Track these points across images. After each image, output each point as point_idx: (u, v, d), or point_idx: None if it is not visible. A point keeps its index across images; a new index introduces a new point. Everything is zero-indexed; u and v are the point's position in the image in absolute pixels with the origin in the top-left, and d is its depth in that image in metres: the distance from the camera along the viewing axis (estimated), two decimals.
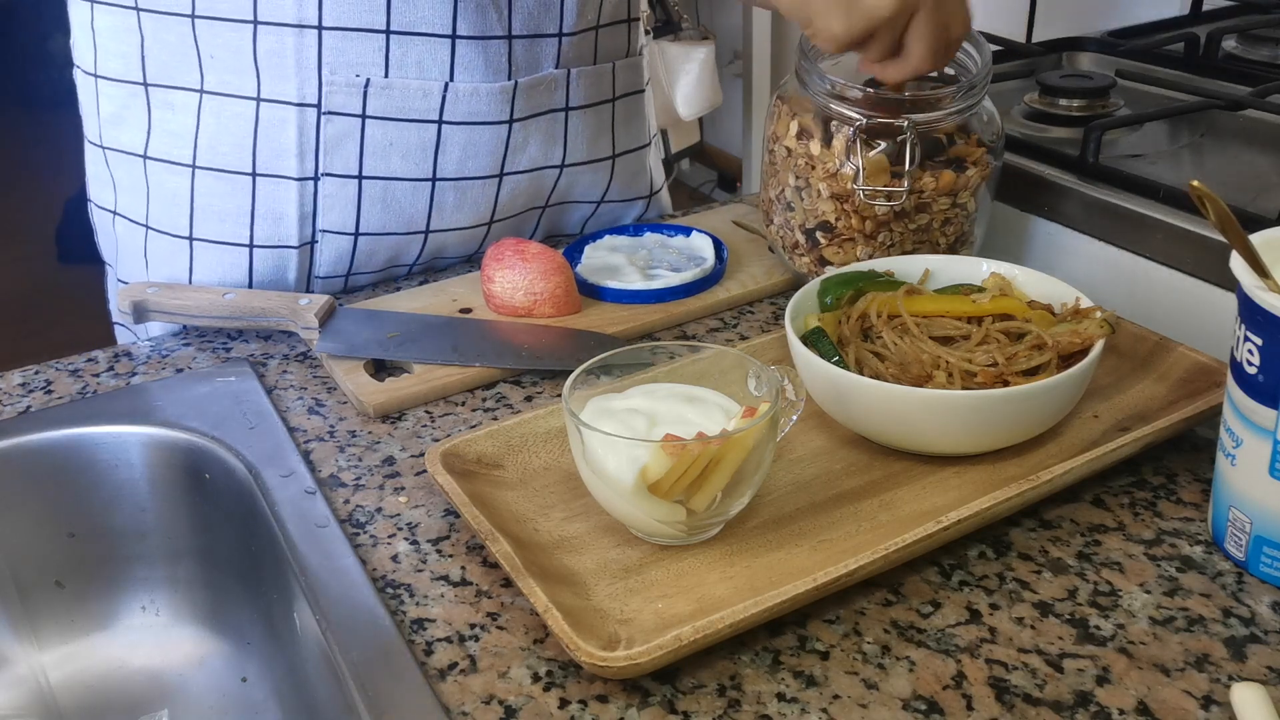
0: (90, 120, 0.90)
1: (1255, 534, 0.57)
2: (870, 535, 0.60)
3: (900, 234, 0.80)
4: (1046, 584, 0.58)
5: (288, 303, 0.81)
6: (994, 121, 0.81)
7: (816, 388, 0.67)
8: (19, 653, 0.71)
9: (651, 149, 1.03)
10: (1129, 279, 0.81)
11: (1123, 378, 0.72)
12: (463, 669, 0.54)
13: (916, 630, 0.56)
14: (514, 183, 0.90)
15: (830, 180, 0.78)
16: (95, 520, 0.72)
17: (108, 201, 0.91)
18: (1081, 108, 0.97)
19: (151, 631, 0.73)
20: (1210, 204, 0.54)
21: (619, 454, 0.57)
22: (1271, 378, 0.54)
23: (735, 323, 0.85)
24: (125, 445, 0.72)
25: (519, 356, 0.78)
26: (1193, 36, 1.09)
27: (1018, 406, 0.63)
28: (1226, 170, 0.90)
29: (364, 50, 0.81)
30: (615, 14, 0.92)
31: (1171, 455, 0.68)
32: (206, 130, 0.84)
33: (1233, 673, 0.53)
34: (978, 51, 0.80)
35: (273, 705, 0.68)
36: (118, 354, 0.82)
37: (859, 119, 0.76)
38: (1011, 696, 0.52)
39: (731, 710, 0.52)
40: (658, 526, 0.58)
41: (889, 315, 0.70)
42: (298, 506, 0.65)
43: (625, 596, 0.57)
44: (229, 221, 0.86)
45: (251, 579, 0.69)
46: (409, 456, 0.70)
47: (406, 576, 0.60)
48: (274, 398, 0.76)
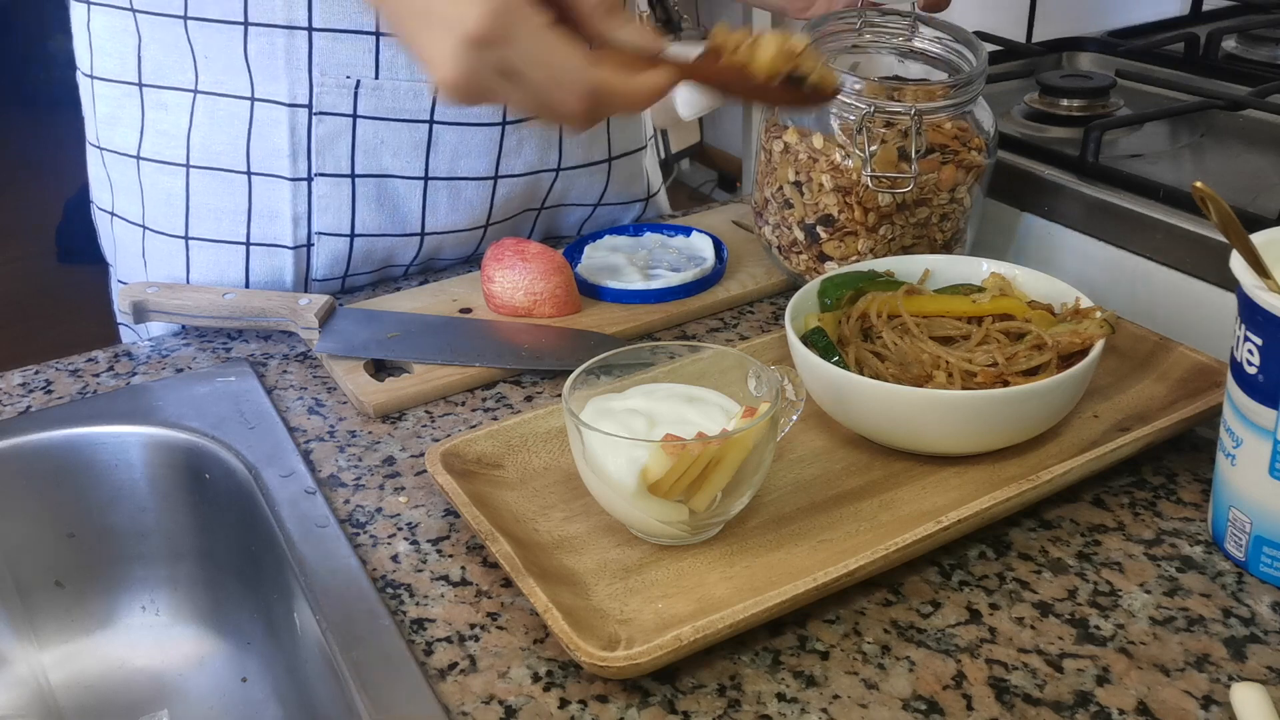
0: (89, 121, 0.90)
1: (1255, 534, 0.57)
2: (870, 535, 0.60)
3: (901, 227, 0.80)
4: (1046, 584, 0.58)
5: (287, 303, 0.81)
6: (989, 120, 0.82)
7: (816, 388, 0.67)
8: (19, 653, 0.71)
9: (648, 151, 1.03)
10: (1129, 279, 0.81)
11: (1123, 378, 0.72)
12: (463, 669, 0.54)
13: (916, 630, 0.56)
14: (509, 185, 0.90)
15: (834, 172, 0.78)
16: (95, 520, 0.72)
17: (106, 203, 0.91)
18: (1081, 108, 0.97)
19: (151, 631, 0.73)
20: (1213, 205, 0.54)
21: (619, 454, 0.57)
22: (1271, 378, 0.54)
23: (735, 323, 0.85)
24: (125, 445, 0.72)
25: (519, 356, 0.78)
26: (1193, 36, 1.09)
27: (1018, 406, 0.63)
28: (1226, 170, 0.90)
29: (354, 51, 0.81)
30: None
31: (1171, 455, 0.68)
32: (200, 129, 0.84)
33: (1233, 673, 0.53)
34: (973, 52, 0.80)
35: (273, 705, 0.68)
36: (118, 354, 0.82)
37: (865, 108, 0.76)
38: (1011, 696, 0.52)
39: (731, 710, 0.52)
40: (658, 526, 0.58)
41: (889, 315, 0.70)
42: (298, 506, 0.65)
43: (625, 596, 0.57)
44: (225, 219, 0.86)
45: (251, 579, 0.69)
46: (409, 456, 0.70)
47: (406, 576, 0.60)
48: (274, 398, 0.76)
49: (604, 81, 0.57)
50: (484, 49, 0.54)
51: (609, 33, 0.59)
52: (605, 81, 0.57)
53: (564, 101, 0.56)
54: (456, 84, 0.55)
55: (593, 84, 0.56)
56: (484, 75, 0.55)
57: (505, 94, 0.56)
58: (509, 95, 0.57)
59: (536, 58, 0.55)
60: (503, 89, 0.56)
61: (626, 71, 0.58)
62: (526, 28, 0.54)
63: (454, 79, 0.55)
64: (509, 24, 0.54)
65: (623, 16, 0.60)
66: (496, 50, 0.54)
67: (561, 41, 0.56)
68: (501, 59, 0.55)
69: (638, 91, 0.59)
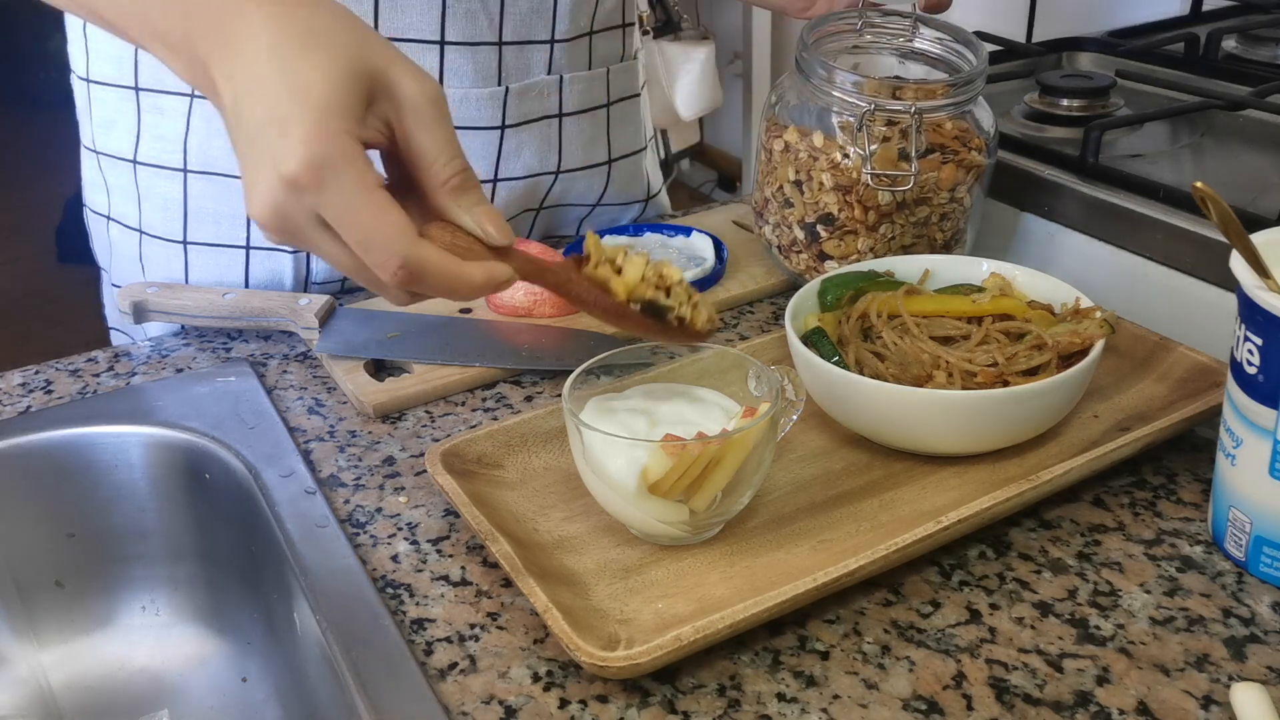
0: (85, 125, 0.90)
1: (1255, 534, 0.57)
2: (870, 535, 0.60)
3: (901, 226, 0.80)
4: (1046, 584, 0.58)
5: (287, 302, 0.81)
6: (989, 120, 0.82)
7: (816, 388, 0.67)
8: (19, 653, 0.71)
9: (648, 152, 1.03)
10: (1129, 279, 0.81)
11: (1123, 378, 0.72)
12: (463, 669, 0.54)
13: (916, 630, 0.56)
14: (509, 188, 0.90)
15: (834, 171, 0.78)
16: (95, 520, 0.72)
17: (101, 206, 0.91)
18: (1081, 108, 0.97)
19: (151, 631, 0.73)
20: (1213, 205, 0.54)
21: (619, 454, 0.57)
22: (1271, 378, 0.54)
23: (735, 323, 0.85)
24: (125, 445, 0.72)
25: (519, 356, 0.78)
26: (1193, 36, 1.09)
27: (1018, 406, 0.63)
28: (1226, 170, 0.90)
29: None
30: (609, 20, 0.92)
31: (1171, 455, 0.68)
32: (197, 134, 0.84)
33: (1233, 673, 0.53)
34: (973, 52, 0.80)
35: (273, 705, 0.68)
36: (118, 354, 0.82)
37: (866, 106, 0.76)
38: (1011, 696, 0.52)
39: (731, 710, 0.52)
40: (658, 527, 0.58)
41: (889, 315, 0.70)
42: (298, 506, 0.65)
43: (625, 596, 0.57)
44: (224, 223, 0.86)
45: (251, 579, 0.69)
46: (409, 456, 0.70)
47: (406, 576, 0.60)
48: (274, 398, 0.76)
49: (422, 260, 0.52)
50: (299, 193, 0.50)
51: (451, 212, 0.54)
52: (424, 260, 0.52)
53: (376, 266, 0.52)
54: (266, 221, 0.52)
55: (406, 257, 0.52)
56: (297, 219, 0.52)
57: (317, 243, 0.53)
58: (320, 245, 0.53)
59: (348, 216, 0.51)
60: (315, 237, 0.52)
61: (460, 253, 0.54)
62: (344, 182, 0.50)
63: (263, 215, 0.52)
64: (326, 175, 0.50)
65: (473, 197, 0.55)
66: (310, 197, 0.51)
67: (381, 206, 0.51)
68: (314, 206, 0.51)
69: (463, 278, 0.54)
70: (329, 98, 0.50)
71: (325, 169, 0.50)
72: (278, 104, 0.50)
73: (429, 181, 0.54)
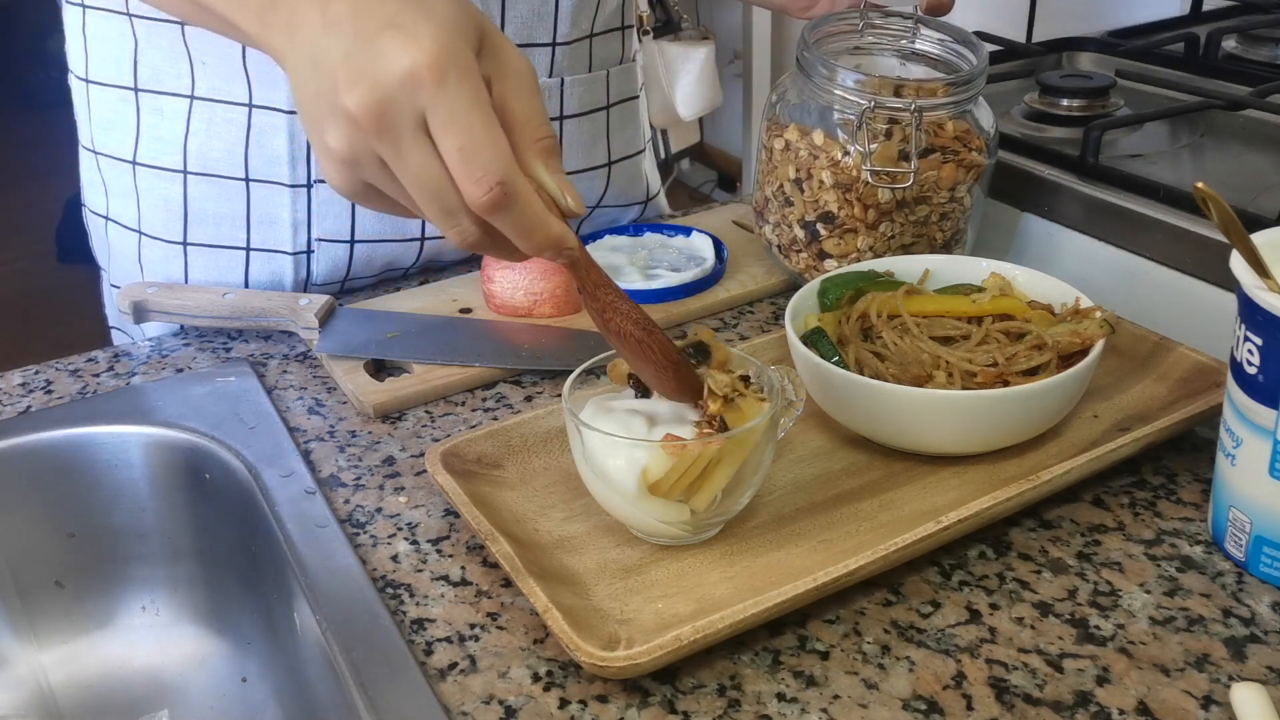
0: (83, 125, 0.90)
1: (1255, 534, 0.57)
2: (870, 535, 0.60)
3: (901, 225, 0.80)
4: (1046, 584, 0.58)
5: (287, 303, 0.81)
6: (989, 120, 0.82)
7: (816, 388, 0.67)
8: (19, 653, 0.71)
9: (647, 154, 1.03)
10: (1129, 279, 0.81)
11: (1123, 378, 0.72)
12: (463, 669, 0.54)
13: (916, 630, 0.56)
14: None
15: (834, 169, 0.78)
16: (95, 520, 0.72)
17: (100, 207, 0.91)
18: (1081, 108, 0.97)
19: (151, 631, 0.73)
20: (1213, 205, 0.54)
21: (619, 454, 0.57)
22: (1271, 378, 0.54)
23: (735, 323, 0.85)
24: (125, 445, 0.72)
25: (519, 356, 0.78)
26: (1193, 36, 1.09)
27: (1018, 406, 0.63)
28: (1226, 170, 0.90)
29: None
30: (610, 22, 0.92)
31: (1171, 455, 0.68)
32: (196, 136, 0.84)
33: (1233, 673, 0.53)
34: (973, 52, 0.80)
35: (273, 705, 0.68)
36: (118, 354, 0.82)
37: (866, 103, 0.76)
38: (1011, 696, 0.52)
39: (731, 710, 0.52)
40: (658, 526, 0.58)
41: (889, 315, 0.70)
42: (297, 506, 0.65)
43: (625, 596, 0.57)
44: (224, 225, 0.86)
45: (251, 579, 0.69)
46: (409, 456, 0.70)
47: (406, 576, 0.60)
48: (274, 398, 0.76)
49: (519, 187, 0.50)
50: (414, 89, 0.48)
51: (537, 171, 0.52)
52: (520, 188, 0.50)
53: (473, 179, 0.49)
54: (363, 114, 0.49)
55: (507, 176, 0.49)
56: (399, 117, 0.49)
57: (406, 150, 0.49)
58: (408, 154, 0.50)
59: (462, 119, 0.48)
60: (408, 142, 0.49)
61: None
62: (465, 87, 0.48)
63: (363, 108, 0.49)
64: (450, 75, 0.48)
65: (558, 164, 0.53)
66: (426, 93, 0.48)
67: (494, 120, 0.49)
68: (427, 105, 0.48)
69: (546, 222, 0.51)
70: (454, 19, 0.50)
71: (450, 69, 0.48)
72: (400, 14, 0.49)
73: (521, 140, 0.52)
